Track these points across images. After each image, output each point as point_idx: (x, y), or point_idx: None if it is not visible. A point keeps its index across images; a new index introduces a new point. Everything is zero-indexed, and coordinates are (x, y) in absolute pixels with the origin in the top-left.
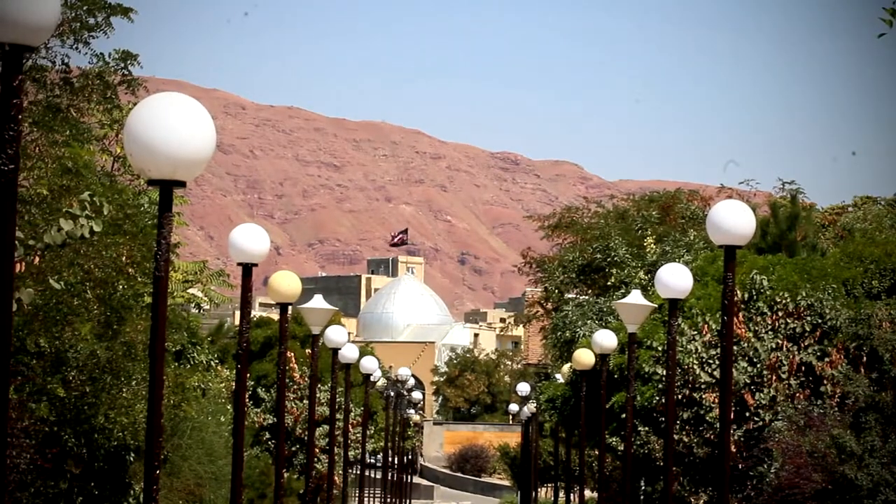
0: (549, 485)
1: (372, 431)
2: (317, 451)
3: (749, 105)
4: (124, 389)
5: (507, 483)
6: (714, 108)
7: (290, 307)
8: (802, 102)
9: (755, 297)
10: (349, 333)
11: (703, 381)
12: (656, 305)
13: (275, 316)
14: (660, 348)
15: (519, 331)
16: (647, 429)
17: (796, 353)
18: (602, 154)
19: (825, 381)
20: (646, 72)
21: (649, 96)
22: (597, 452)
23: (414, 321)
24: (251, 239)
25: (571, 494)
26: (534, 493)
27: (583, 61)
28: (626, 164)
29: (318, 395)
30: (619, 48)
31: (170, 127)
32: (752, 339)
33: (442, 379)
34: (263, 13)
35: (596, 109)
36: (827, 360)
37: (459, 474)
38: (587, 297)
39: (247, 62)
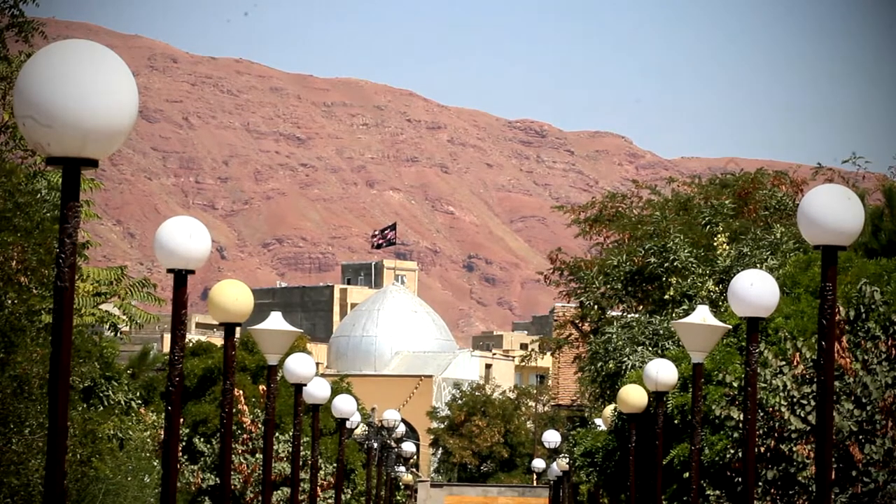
0: None
1: (349, 496)
2: None
3: (857, 60)
4: (14, 440)
5: None
6: (808, 64)
7: (237, 329)
8: None
9: (864, 315)
10: (318, 364)
11: (793, 428)
12: (730, 327)
13: (218, 341)
14: (735, 384)
15: (546, 361)
16: (718, 492)
17: None
18: (656, 123)
19: None
20: (716, 16)
21: (719, 49)
22: None
23: (404, 348)
24: (185, 237)
25: None
26: None
27: (630, 3)
28: (689, 136)
29: (275, 448)
30: None
31: (76, 86)
32: (861, 373)
33: (442, 426)
34: None
35: (648, 64)
36: None
37: None
38: (637, 316)
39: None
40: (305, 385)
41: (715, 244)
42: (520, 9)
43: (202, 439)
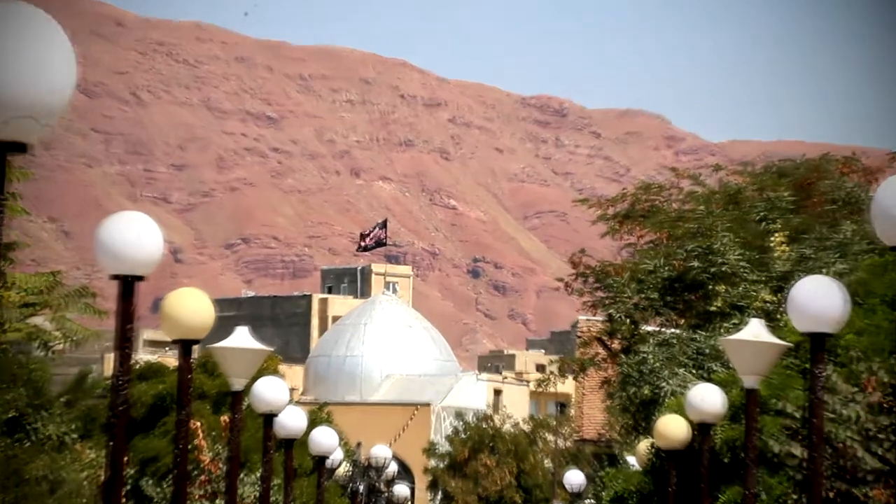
0: None
1: None
2: None
3: None
4: None
5: None
6: (883, 31)
7: (195, 347)
8: None
9: None
10: (292, 390)
11: (868, 468)
12: (791, 345)
13: (171, 361)
14: (797, 414)
15: (567, 386)
16: None
17: None
18: (699, 99)
19: None
20: None
21: (775, 11)
22: None
23: (397, 370)
24: (133, 237)
25: None
26: None
27: None
28: (738, 114)
29: (240, 492)
30: None
31: (1, 55)
32: None
33: (443, 464)
34: None
35: (689, 29)
36: None
37: None
38: (677, 331)
39: None
40: (277, 415)
41: (771, 245)
42: None
43: (151, 481)
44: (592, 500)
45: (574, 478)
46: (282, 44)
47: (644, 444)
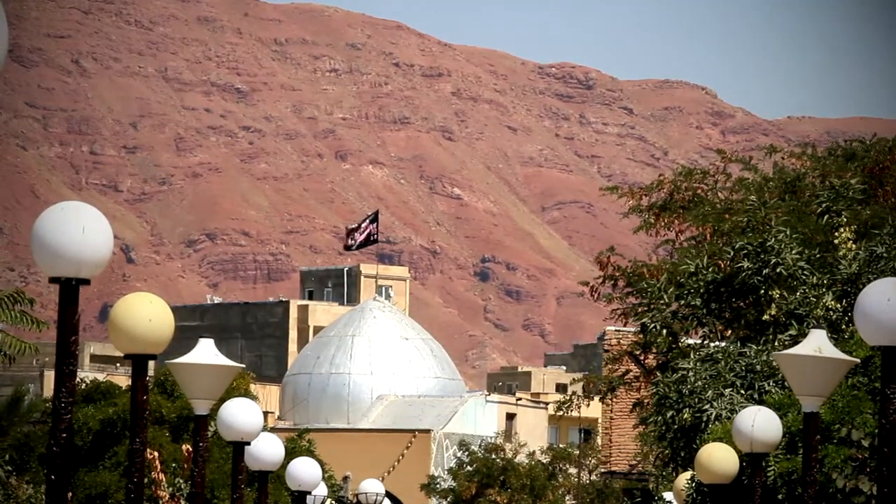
0: None
1: None
2: None
3: None
4: None
5: None
6: None
7: (151, 363)
8: None
9: None
10: (266, 414)
11: None
12: (859, 360)
13: (123, 380)
14: (866, 443)
15: (593, 409)
16: None
17: None
18: (751, 70)
19: None
20: None
21: None
22: None
23: (390, 390)
24: (77, 232)
25: None
26: None
27: None
28: (797, 87)
29: None
30: None
31: None
32: None
33: (445, 502)
34: None
35: None
36: None
37: None
38: (724, 345)
39: None
40: (249, 444)
41: (836, 242)
42: None
43: None
44: None
45: None
46: (254, 2)
47: (684, 478)
